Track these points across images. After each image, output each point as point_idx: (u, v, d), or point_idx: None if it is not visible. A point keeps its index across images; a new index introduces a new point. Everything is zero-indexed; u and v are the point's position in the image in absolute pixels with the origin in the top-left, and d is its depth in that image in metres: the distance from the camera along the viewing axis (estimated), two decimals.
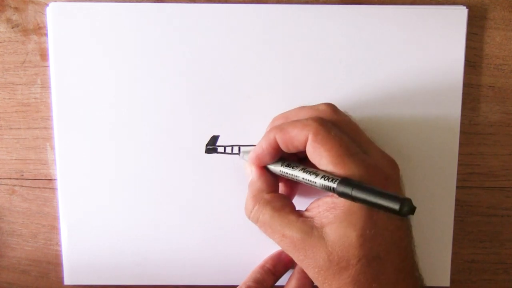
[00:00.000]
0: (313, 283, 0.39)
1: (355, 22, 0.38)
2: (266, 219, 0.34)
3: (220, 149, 0.39)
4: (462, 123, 0.40)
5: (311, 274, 0.33)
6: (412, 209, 0.27)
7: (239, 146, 0.39)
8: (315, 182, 0.32)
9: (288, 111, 0.36)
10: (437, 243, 0.40)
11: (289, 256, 0.40)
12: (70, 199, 0.40)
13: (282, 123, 0.35)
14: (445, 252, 0.41)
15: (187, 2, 0.39)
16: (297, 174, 0.34)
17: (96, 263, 0.41)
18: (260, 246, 0.40)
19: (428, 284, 0.38)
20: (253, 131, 0.39)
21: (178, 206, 0.40)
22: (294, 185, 0.38)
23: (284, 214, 0.33)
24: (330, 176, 0.31)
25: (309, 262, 0.32)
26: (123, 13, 0.38)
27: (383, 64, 0.39)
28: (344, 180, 0.30)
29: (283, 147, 0.34)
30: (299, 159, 0.36)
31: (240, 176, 0.40)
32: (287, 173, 0.35)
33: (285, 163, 0.35)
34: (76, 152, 0.39)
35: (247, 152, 0.38)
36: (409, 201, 0.27)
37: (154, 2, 0.39)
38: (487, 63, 0.40)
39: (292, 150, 0.34)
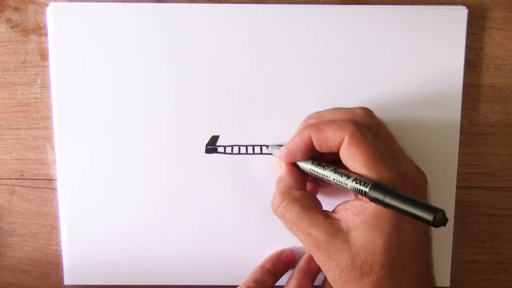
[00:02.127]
0: (313, 283, 0.39)
1: (355, 22, 0.38)
2: (293, 217, 0.33)
3: (220, 149, 0.39)
4: (462, 123, 0.40)
5: (331, 276, 0.32)
6: (445, 220, 0.27)
7: (267, 146, 0.39)
8: (346, 184, 0.32)
9: (323, 110, 0.36)
10: (437, 243, 0.40)
11: (289, 257, 0.40)
12: (70, 199, 0.40)
13: (318, 122, 0.34)
14: (445, 252, 0.41)
15: (187, 2, 0.39)
16: (328, 174, 0.33)
17: (96, 263, 0.41)
18: (260, 246, 0.40)
19: None
20: (253, 131, 0.39)
21: (178, 206, 0.40)
22: (316, 186, 0.38)
23: (312, 213, 0.33)
24: (363, 180, 0.31)
25: (330, 264, 0.32)
26: (123, 13, 0.38)
27: (382, 64, 0.39)
28: (376, 185, 0.30)
29: (316, 146, 0.34)
30: (327, 160, 0.36)
31: (240, 176, 0.40)
32: (317, 172, 0.34)
33: (316, 162, 0.35)
34: (76, 152, 0.39)
35: (277, 147, 0.38)
36: (442, 212, 0.27)
37: (154, 2, 0.39)
38: (487, 63, 0.40)
39: (325, 149, 0.34)
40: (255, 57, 0.39)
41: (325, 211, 0.34)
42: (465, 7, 0.38)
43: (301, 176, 0.36)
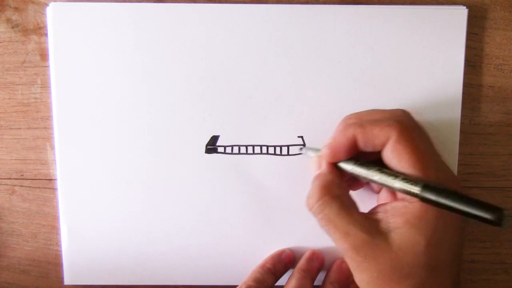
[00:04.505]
0: (313, 283, 0.39)
1: (355, 22, 0.38)
2: (332, 214, 0.32)
3: (220, 149, 0.39)
4: (462, 123, 0.40)
5: (366, 278, 0.31)
6: (510, 220, 0.26)
7: (300, 146, 0.39)
8: (394, 184, 0.31)
9: (362, 111, 0.35)
10: None
11: (289, 256, 0.40)
12: (70, 199, 0.40)
13: (363, 121, 0.34)
14: None
15: (187, 2, 0.39)
16: (373, 174, 0.32)
17: (96, 263, 0.41)
18: (260, 246, 0.40)
19: None
20: (253, 131, 0.39)
21: (178, 206, 0.40)
22: (348, 187, 0.38)
23: (351, 212, 0.32)
24: (411, 180, 0.30)
25: (367, 266, 0.31)
26: (123, 13, 0.38)
27: (383, 64, 0.39)
28: (429, 185, 0.29)
29: (361, 144, 0.33)
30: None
31: (240, 176, 0.40)
32: (360, 172, 0.33)
33: (359, 162, 0.34)
34: (76, 152, 0.39)
35: (312, 149, 0.37)
36: (506, 211, 0.26)
37: (154, 2, 0.39)
38: (487, 63, 0.40)
39: (368, 149, 0.33)
40: (255, 57, 0.39)
41: (363, 212, 0.33)
42: (465, 7, 0.38)
43: (341, 176, 0.35)
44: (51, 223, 0.42)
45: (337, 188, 0.33)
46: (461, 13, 0.38)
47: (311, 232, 0.35)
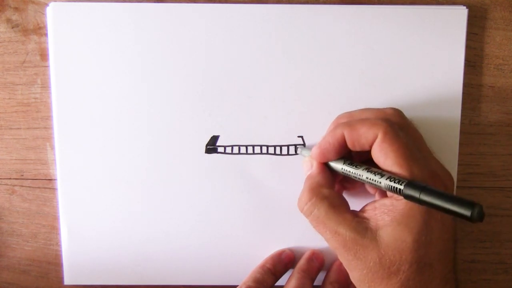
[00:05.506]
0: (313, 283, 0.39)
1: (355, 22, 0.38)
2: (320, 214, 0.33)
3: (220, 149, 0.39)
4: (462, 123, 0.40)
5: (357, 275, 0.32)
6: (483, 215, 0.27)
7: (296, 146, 0.39)
8: (380, 182, 0.32)
9: (354, 110, 0.36)
10: None
11: (289, 256, 0.40)
12: (70, 199, 0.40)
13: (351, 120, 0.34)
14: None
15: (187, 2, 0.39)
16: (361, 173, 0.33)
17: (96, 263, 0.41)
18: (260, 246, 0.40)
19: None
20: (253, 131, 0.39)
21: (178, 206, 0.40)
22: (341, 187, 0.38)
23: (340, 212, 0.33)
24: (396, 178, 0.31)
25: (357, 263, 0.32)
26: (123, 13, 0.38)
27: (383, 64, 0.39)
28: (411, 183, 0.30)
29: (349, 144, 0.34)
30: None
31: (240, 176, 0.40)
32: (349, 171, 0.34)
33: (348, 162, 0.35)
34: (76, 152, 0.39)
35: (306, 149, 0.38)
36: (480, 206, 0.27)
37: (154, 2, 0.39)
38: (487, 63, 0.40)
39: (357, 148, 0.34)
40: (255, 57, 0.39)
41: (353, 210, 0.34)
42: (465, 7, 0.38)
43: (331, 176, 0.36)
44: (51, 223, 0.42)
45: (326, 188, 0.34)
46: (461, 13, 0.38)
47: (311, 232, 0.35)
